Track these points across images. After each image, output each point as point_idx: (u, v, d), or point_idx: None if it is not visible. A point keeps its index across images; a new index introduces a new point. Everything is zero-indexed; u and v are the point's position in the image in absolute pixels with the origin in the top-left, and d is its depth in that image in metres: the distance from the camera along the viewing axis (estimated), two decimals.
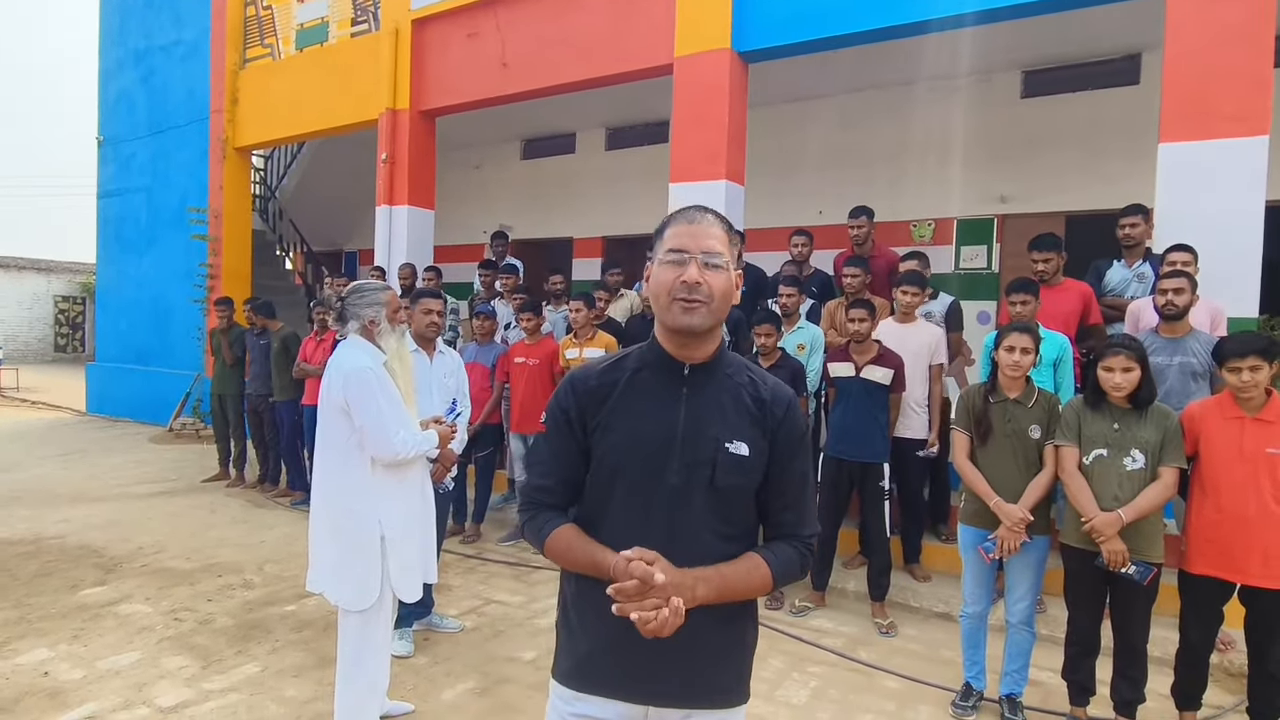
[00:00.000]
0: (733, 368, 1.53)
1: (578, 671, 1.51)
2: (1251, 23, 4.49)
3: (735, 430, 1.47)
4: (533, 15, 7.53)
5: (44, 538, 5.66)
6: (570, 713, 1.51)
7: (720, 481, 1.45)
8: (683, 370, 1.49)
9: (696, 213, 1.48)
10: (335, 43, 9.44)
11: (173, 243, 11.26)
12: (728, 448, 1.45)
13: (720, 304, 1.44)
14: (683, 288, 1.41)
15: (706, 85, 6.40)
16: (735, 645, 1.53)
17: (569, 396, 1.52)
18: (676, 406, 1.47)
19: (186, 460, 8.77)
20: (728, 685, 1.53)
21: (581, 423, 1.50)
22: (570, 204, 11.10)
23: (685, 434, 1.45)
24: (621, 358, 1.57)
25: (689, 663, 1.46)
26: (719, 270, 1.43)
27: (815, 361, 5.09)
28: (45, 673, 3.54)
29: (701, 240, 1.43)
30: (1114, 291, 4.62)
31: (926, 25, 5.69)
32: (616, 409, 1.48)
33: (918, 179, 8.30)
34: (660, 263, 1.46)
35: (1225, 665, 3.78)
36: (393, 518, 2.97)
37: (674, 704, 1.48)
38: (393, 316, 3.05)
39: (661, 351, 1.51)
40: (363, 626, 2.95)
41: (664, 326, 1.49)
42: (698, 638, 1.42)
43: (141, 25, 11.96)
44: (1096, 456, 3.05)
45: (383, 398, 2.87)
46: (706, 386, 1.49)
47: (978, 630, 3.45)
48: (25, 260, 24.38)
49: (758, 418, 1.49)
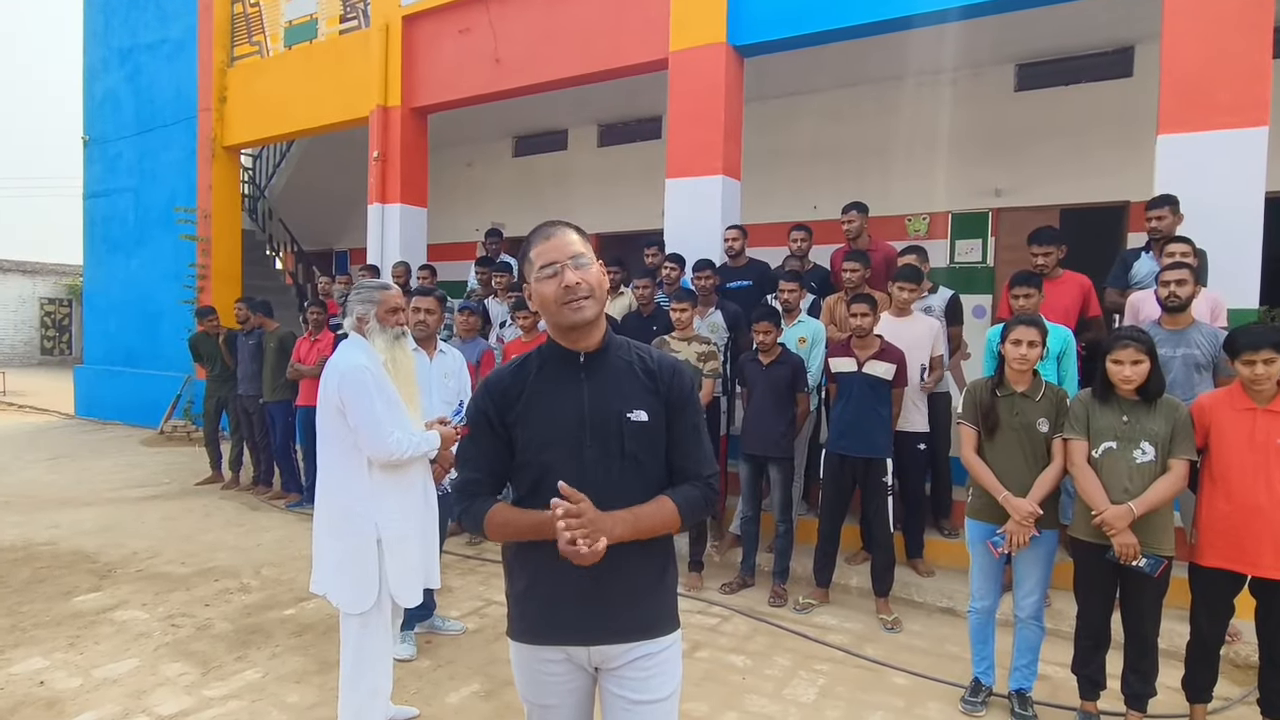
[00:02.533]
0: (621, 349, 1.75)
1: (527, 628, 1.74)
2: (1250, 12, 4.48)
3: (632, 400, 1.69)
4: (525, 10, 7.46)
5: (35, 543, 5.58)
6: (532, 659, 1.74)
7: (629, 447, 1.67)
8: (579, 359, 1.71)
9: (550, 228, 1.70)
10: (324, 40, 9.34)
11: (161, 243, 11.15)
12: (629, 417, 1.67)
13: (599, 294, 1.67)
14: (566, 292, 1.63)
15: (702, 80, 6.36)
16: (656, 583, 1.74)
17: (485, 399, 1.73)
18: (579, 389, 1.69)
19: (178, 463, 8.67)
20: (654, 618, 1.73)
21: (500, 419, 1.71)
22: (563, 201, 11.02)
23: (591, 410, 1.67)
24: (525, 360, 1.77)
25: (618, 602, 1.68)
26: (588, 267, 1.66)
27: (816, 356, 5.06)
28: (41, 682, 3.48)
29: (565, 249, 1.65)
30: (1141, 284, 4.60)
31: (920, 19, 5.67)
32: (529, 402, 1.70)
33: (912, 173, 8.30)
34: (538, 280, 1.67)
35: (1233, 657, 3.78)
36: (390, 520, 2.93)
37: (613, 639, 1.69)
38: (385, 316, 2.99)
39: (558, 348, 1.73)
40: (362, 630, 2.91)
41: (558, 328, 1.70)
42: (621, 580, 1.66)
43: (126, 23, 11.81)
44: (1106, 449, 3.03)
45: (377, 398, 2.83)
46: (601, 368, 1.71)
47: (986, 625, 3.44)
48: (10, 263, 24.07)
49: (650, 387, 1.71)
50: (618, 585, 1.67)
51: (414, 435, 2.96)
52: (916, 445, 4.85)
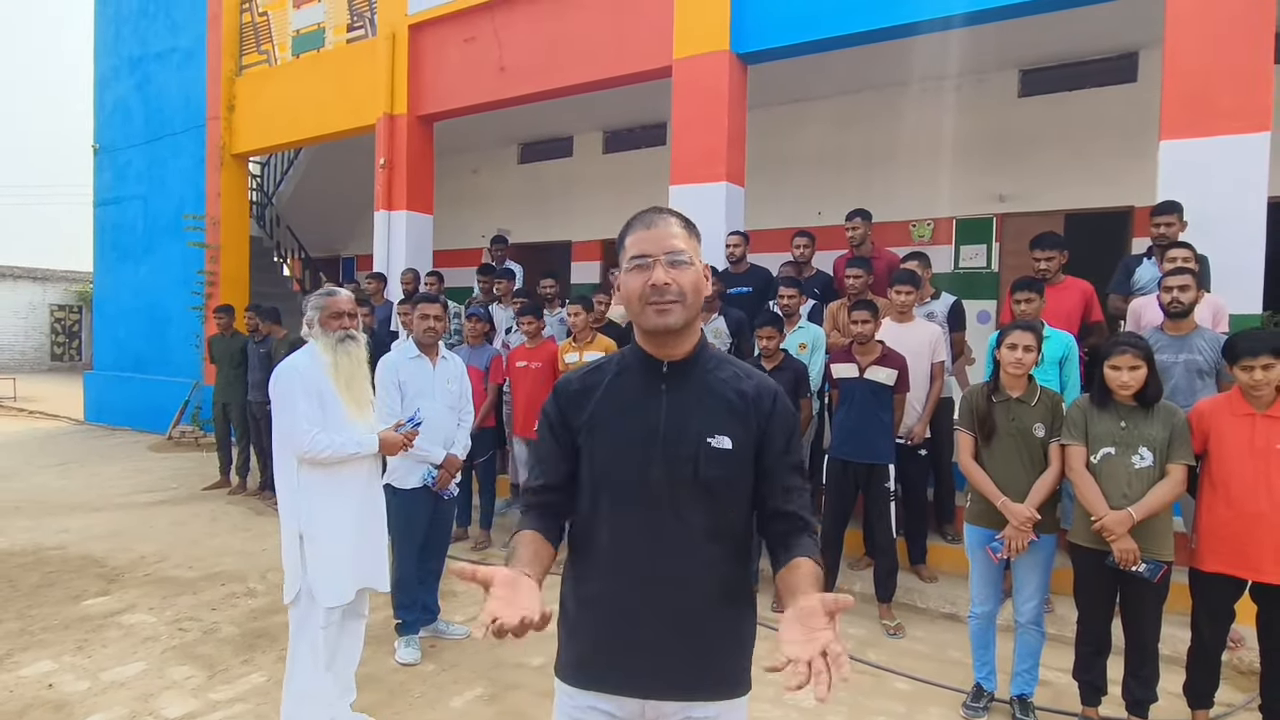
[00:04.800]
0: (714, 363, 1.54)
1: (579, 668, 1.54)
2: (1251, 18, 4.49)
3: (717, 424, 1.47)
4: (530, 19, 7.52)
5: (45, 548, 5.63)
6: (572, 706, 1.54)
7: (704, 473, 1.44)
8: (661, 368, 1.51)
9: (653, 215, 1.50)
10: (332, 48, 9.43)
11: (170, 250, 11.24)
12: (710, 442, 1.45)
13: (693, 300, 1.47)
14: (652, 291, 1.43)
15: (706, 87, 6.40)
16: (730, 635, 1.52)
17: (553, 402, 1.57)
18: (657, 403, 1.48)
19: (186, 468, 8.73)
20: (725, 675, 1.52)
21: (565, 425, 1.54)
22: (568, 207, 11.09)
23: (667, 429, 1.46)
24: (604, 361, 1.60)
25: (685, 652, 1.47)
26: (685, 267, 1.46)
27: (817, 361, 5.08)
28: (50, 685, 3.52)
29: (663, 242, 1.46)
30: (1143, 289, 4.60)
31: (923, 26, 5.70)
32: (599, 410, 1.51)
33: (916, 179, 8.32)
34: (627, 270, 1.48)
35: (1235, 663, 3.77)
36: (315, 517, 2.95)
37: (675, 695, 1.48)
38: (327, 321, 3.01)
39: (641, 352, 1.53)
40: (295, 630, 2.97)
41: (641, 329, 1.51)
42: (692, 629, 1.46)
43: (137, 33, 11.93)
44: (1104, 455, 3.04)
45: (301, 397, 2.88)
46: (686, 382, 1.50)
47: (986, 631, 3.44)
48: (21, 269, 24.29)
49: (741, 412, 1.49)
50: (688, 632, 1.46)
51: (341, 437, 2.94)
52: (918, 451, 4.86)
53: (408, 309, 5.96)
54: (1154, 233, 4.52)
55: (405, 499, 3.88)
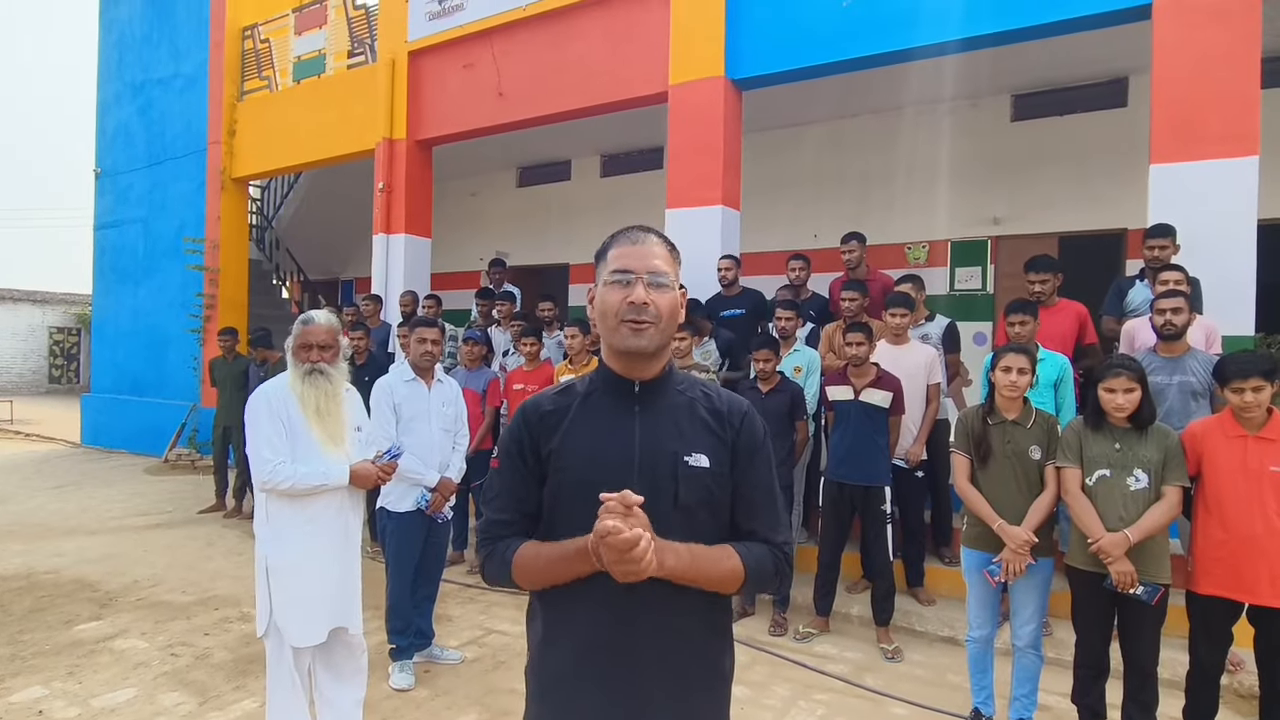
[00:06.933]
0: (684, 384, 1.52)
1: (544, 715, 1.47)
2: (1238, 45, 4.56)
3: (692, 443, 1.44)
4: (528, 45, 7.62)
5: (38, 572, 5.60)
6: None
7: (685, 498, 1.40)
8: (633, 388, 1.47)
9: (639, 233, 1.48)
10: (332, 74, 9.55)
11: (169, 273, 11.28)
12: (687, 461, 1.42)
13: (668, 324, 1.43)
14: (630, 309, 1.40)
15: (701, 112, 6.47)
16: (710, 673, 1.48)
17: (521, 427, 1.49)
18: (630, 424, 1.44)
19: (182, 491, 8.69)
20: (703, 714, 1.47)
21: (535, 451, 1.47)
22: (566, 230, 11.15)
23: (643, 450, 1.42)
24: (572, 384, 1.55)
25: (658, 692, 1.41)
26: (665, 289, 1.43)
27: (812, 384, 5.09)
28: (40, 711, 3.48)
29: (647, 260, 1.43)
30: (1136, 311, 4.63)
31: (917, 52, 5.77)
32: (570, 433, 1.45)
33: (911, 202, 8.38)
34: (606, 284, 1.44)
35: (1235, 686, 3.74)
36: (282, 549, 2.87)
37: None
38: (296, 351, 2.96)
39: (610, 373, 1.49)
40: (270, 662, 2.90)
41: (611, 349, 1.47)
42: (664, 663, 1.40)
43: (139, 59, 12.06)
44: (1100, 477, 3.04)
45: (266, 424, 2.84)
46: (659, 402, 1.47)
47: (984, 654, 3.42)
48: (20, 292, 24.36)
49: (715, 429, 1.47)
50: (666, 672, 1.41)
51: (306, 468, 2.84)
52: (915, 473, 4.86)
53: (406, 332, 5.97)
54: (1147, 255, 4.56)
55: (399, 522, 3.87)
